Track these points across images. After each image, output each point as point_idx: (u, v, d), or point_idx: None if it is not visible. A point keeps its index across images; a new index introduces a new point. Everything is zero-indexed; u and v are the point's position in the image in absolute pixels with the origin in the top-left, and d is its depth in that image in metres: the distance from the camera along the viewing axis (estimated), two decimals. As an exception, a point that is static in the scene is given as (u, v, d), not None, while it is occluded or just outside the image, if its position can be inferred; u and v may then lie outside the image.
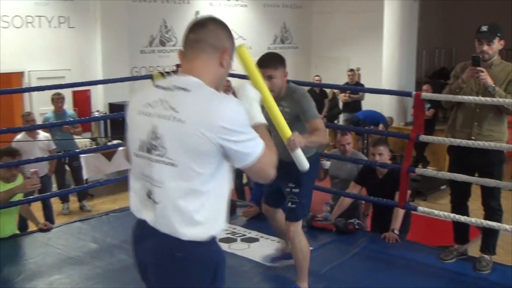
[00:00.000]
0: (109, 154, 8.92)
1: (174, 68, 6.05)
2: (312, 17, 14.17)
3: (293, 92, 3.75)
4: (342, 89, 11.13)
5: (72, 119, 7.62)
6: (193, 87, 2.12)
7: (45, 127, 7.51)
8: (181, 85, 2.13)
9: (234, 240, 4.81)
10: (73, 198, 8.59)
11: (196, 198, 2.11)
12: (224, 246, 4.53)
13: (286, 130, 3.31)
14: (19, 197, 4.94)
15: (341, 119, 11.99)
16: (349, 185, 5.23)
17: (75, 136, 8.11)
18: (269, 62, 3.63)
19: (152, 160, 2.13)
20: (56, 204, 7.94)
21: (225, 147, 2.07)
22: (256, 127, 2.22)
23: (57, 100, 7.90)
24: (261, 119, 2.34)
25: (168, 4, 10.88)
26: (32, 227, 5.47)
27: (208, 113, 2.05)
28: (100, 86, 9.50)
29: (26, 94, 9.04)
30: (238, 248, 4.63)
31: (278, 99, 3.55)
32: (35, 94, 8.77)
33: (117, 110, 9.06)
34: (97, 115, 9.20)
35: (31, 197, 5.63)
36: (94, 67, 9.77)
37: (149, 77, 5.85)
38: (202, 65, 2.19)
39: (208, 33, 2.19)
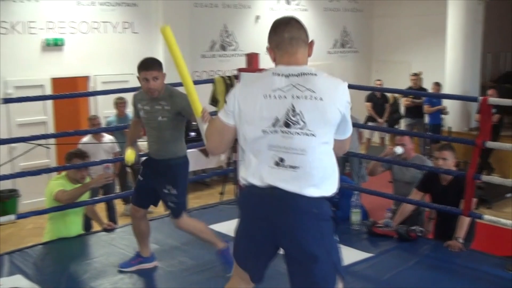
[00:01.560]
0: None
1: (235, 72, 6.10)
2: (373, 20, 14.03)
3: (171, 91, 4.06)
4: (405, 93, 10.96)
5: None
6: (316, 72, 2.59)
7: (110, 130, 7.68)
8: (306, 71, 2.57)
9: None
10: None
11: (327, 162, 2.59)
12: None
13: (198, 105, 3.52)
14: (85, 197, 5.08)
15: (403, 124, 11.80)
16: (412, 188, 5.13)
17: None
18: (154, 64, 3.98)
19: (292, 133, 2.52)
20: (118, 205, 8.12)
21: (344, 118, 2.60)
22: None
23: (120, 104, 8.10)
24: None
25: (229, 9, 10.99)
26: (96, 227, 5.61)
27: (338, 91, 2.57)
28: (162, 90, 9.67)
29: (91, 98, 9.30)
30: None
31: (157, 99, 3.98)
32: (99, 97, 9.02)
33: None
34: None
35: (96, 198, 5.77)
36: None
37: (211, 81, 5.92)
38: (302, 57, 2.64)
39: (298, 30, 2.65)
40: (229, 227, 5.12)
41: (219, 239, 4.29)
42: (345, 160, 7.68)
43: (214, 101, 5.78)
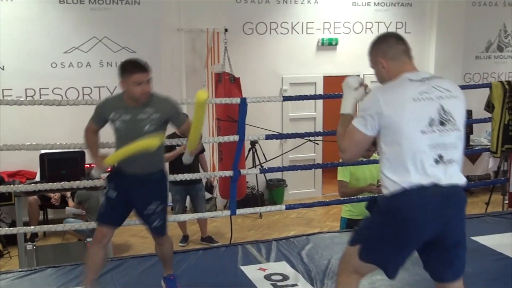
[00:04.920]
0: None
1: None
2: None
3: (159, 97, 3.70)
4: None
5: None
6: (438, 75, 2.99)
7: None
8: (433, 75, 2.90)
9: None
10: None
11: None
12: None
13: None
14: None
15: None
16: None
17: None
18: (146, 65, 3.59)
19: (448, 130, 2.73)
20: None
21: None
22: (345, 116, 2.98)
23: None
24: (350, 111, 3.01)
25: (510, 7, 10.26)
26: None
27: (461, 91, 2.88)
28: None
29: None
30: None
31: (141, 106, 3.59)
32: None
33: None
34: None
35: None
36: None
37: (486, 85, 5.61)
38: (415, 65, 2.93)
39: (407, 44, 2.94)
40: (496, 241, 4.88)
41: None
42: None
43: (489, 106, 5.47)
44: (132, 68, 3.54)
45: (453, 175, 2.76)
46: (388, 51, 2.89)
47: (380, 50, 2.92)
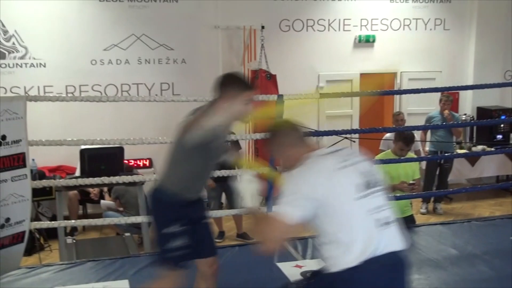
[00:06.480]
0: (472, 159, 8.71)
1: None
2: None
3: None
4: None
5: (457, 122, 7.95)
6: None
7: (413, 129, 7.63)
8: (340, 146, 2.91)
9: None
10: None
11: None
12: None
13: None
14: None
15: None
16: None
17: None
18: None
19: (374, 191, 2.60)
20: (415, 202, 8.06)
21: None
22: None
23: (445, 102, 8.02)
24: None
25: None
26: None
27: None
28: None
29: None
30: None
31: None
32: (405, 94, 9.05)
33: (485, 114, 8.81)
34: (464, 118, 9.04)
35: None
36: (465, 69, 9.62)
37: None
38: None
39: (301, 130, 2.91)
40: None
41: None
42: None
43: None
44: (243, 84, 3.19)
45: (392, 239, 2.57)
46: (285, 140, 2.80)
47: (278, 143, 2.84)
